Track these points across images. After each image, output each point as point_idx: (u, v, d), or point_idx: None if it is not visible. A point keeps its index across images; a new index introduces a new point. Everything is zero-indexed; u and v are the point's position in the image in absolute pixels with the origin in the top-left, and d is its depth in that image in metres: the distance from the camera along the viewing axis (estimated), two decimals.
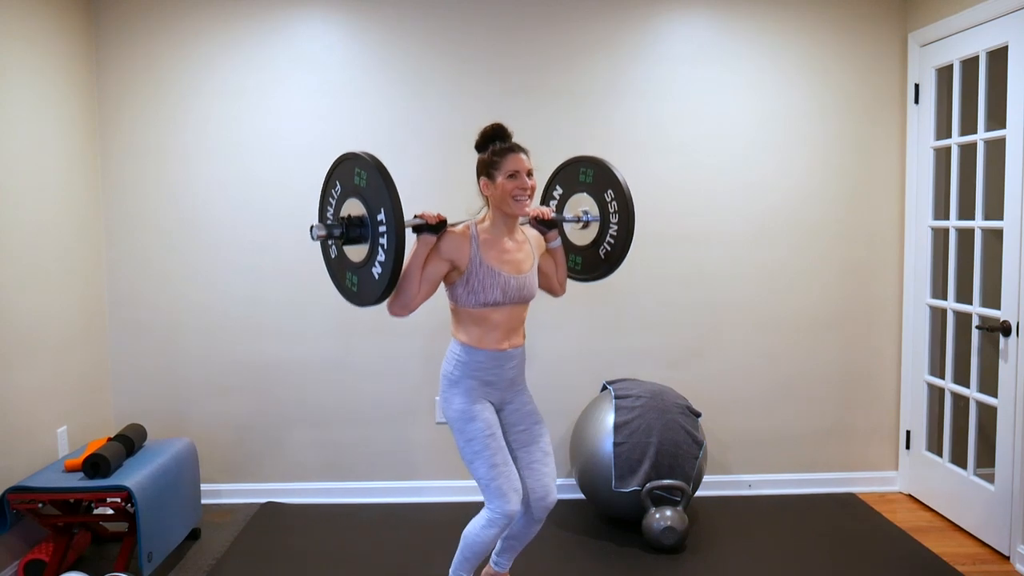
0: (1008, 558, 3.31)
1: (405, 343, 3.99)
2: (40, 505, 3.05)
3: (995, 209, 3.43)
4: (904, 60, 3.98)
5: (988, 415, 3.55)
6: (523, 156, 2.56)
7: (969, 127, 3.60)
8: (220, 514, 3.85)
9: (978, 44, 3.45)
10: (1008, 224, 3.25)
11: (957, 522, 3.65)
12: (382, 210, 2.32)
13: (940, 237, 3.85)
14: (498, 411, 2.68)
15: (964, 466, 3.60)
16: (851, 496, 4.03)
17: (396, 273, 2.32)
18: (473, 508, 3.99)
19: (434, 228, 2.51)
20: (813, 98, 3.99)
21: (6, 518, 2.99)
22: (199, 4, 3.85)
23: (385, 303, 2.49)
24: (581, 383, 4.03)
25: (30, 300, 3.29)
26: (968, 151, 3.68)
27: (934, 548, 3.41)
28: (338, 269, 2.60)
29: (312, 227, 2.44)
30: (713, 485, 4.06)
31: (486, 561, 2.94)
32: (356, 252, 2.46)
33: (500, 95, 3.92)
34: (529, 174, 2.57)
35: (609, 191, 2.86)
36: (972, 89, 3.55)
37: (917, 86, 3.91)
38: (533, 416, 2.72)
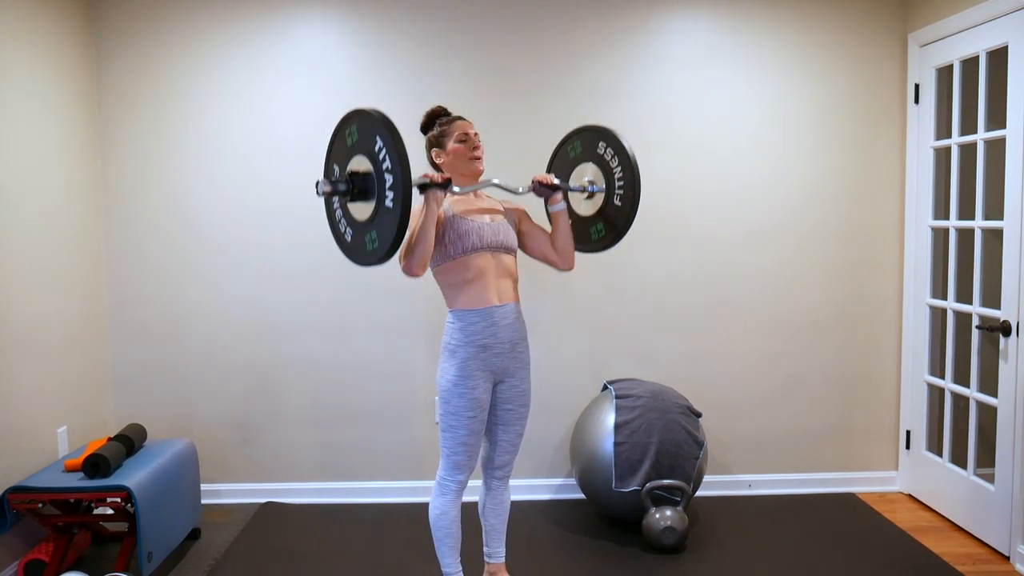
0: (1008, 558, 3.31)
1: (405, 343, 3.99)
2: (40, 505, 3.05)
3: (995, 209, 3.43)
4: (904, 60, 3.98)
5: (988, 415, 3.55)
6: (468, 122, 2.71)
7: (969, 127, 3.60)
8: (220, 514, 3.85)
9: (978, 44, 3.45)
10: (1008, 224, 3.25)
11: (957, 522, 3.65)
12: (378, 138, 2.30)
13: (940, 237, 3.85)
14: (497, 383, 2.74)
15: (964, 466, 3.60)
16: (851, 496, 4.03)
17: (403, 229, 2.29)
18: (474, 506, 4.00)
19: (442, 185, 2.55)
20: (813, 98, 4.00)
21: (6, 518, 2.99)
22: (199, 4, 3.85)
23: (399, 263, 2.53)
24: (582, 383, 4.03)
25: (30, 300, 3.29)
26: (968, 151, 3.68)
27: (934, 548, 3.41)
28: (343, 226, 2.54)
29: (317, 182, 2.42)
30: (713, 485, 4.06)
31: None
32: (361, 210, 2.43)
33: (500, 95, 3.92)
34: (476, 136, 2.71)
35: (601, 143, 2.87)
36: (972, 89, 3.55)
37: (917, 86, 3.91)
38: (524, 397, 2.80)
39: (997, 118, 3.40)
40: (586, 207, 2.98)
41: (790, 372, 4.09)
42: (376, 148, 2.33)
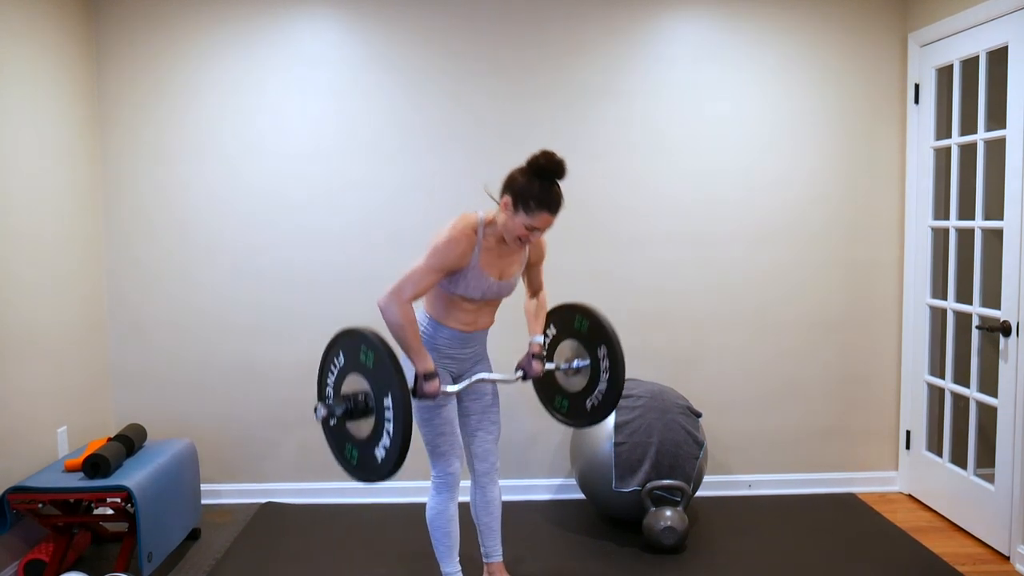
0: (1008, 558, 3.31)
1: None
2: (40, 505, 3.05)
3: (995, 209, 3.43)
4: (904, 60, 3.98)
5: (988, 415, 3.55)
6: (553, 218, 2.56)
7: (969, 127, 3.60)
8: (220, 514, 3.85)
9: (978, 44, 3.45)
10: (1008, 224, 3.25)
11: (957, 522, 3.65)
12: (389, 395, 2.29)
13: (940, 237, 3.85)
14: (455, 379, 2.80)
15: (964, 466, 3.60)
16: (851, 496, 4.03)
17: (407, 436, 2.29)
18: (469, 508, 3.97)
19: (434, 394, 2.57)
20: (813, 98, 4.00)
21: (6, 518, 2.99)
22: (199, 3, 3.85)
23: (389, 298, 2.49)
24: None
25: (30, 301, 3.29)
26: (968, 151, 3.68)
27: (934, 548, 3.41)
28: (339, 442, 2.53)
29: (316, 407, 2.43)
30: (713, 485, 4.06)
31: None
32: (358, 428, 2.43)
33: (500, 94, 3.92)
34: (539, 233, 2.59)
35: (603, 347, 2.87)
36: (972, 89, 3.55)
37: (917, 86, 3.91)
38: (492, 392, 2.87)
39: (997, 118, 3.40)
40: (569, 382, 3.00)
41: (790, 372, 4.09)
42: (369, 364, 2.34)
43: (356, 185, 3.93)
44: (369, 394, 2.37)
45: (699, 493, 4.02)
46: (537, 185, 2.52)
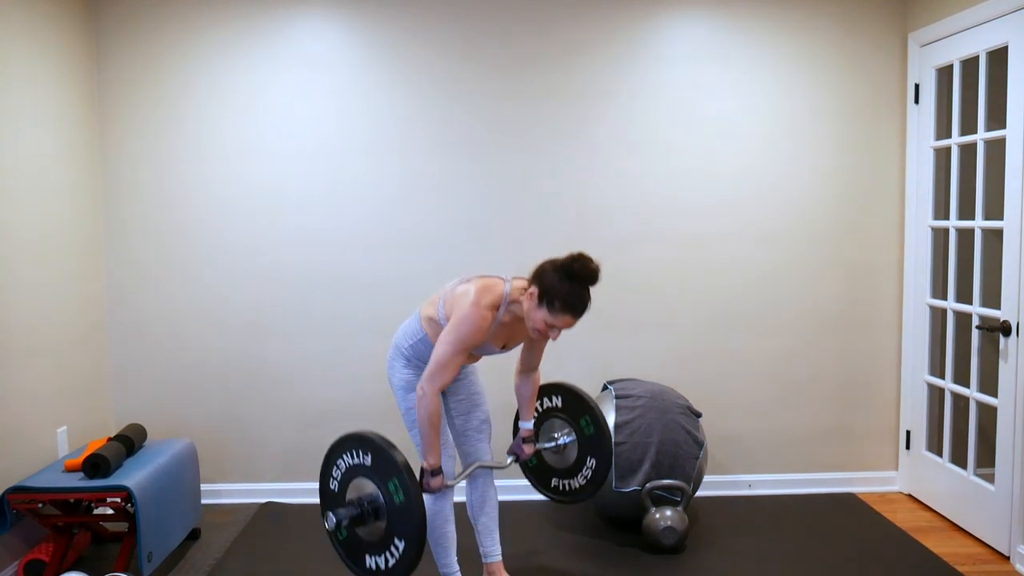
0: (1008, 558, 3.31)
1: None
2: (40, 505, 3.05)
3: (995, 209, 3.43)
4: (904, 60, 3.98)
5: (988, 415, 3.55)
6: (576, 321, 2.53)
7: (969, 127, 3.60)
8: (220, 514, 3.85)
9: (978, 44, 3.45)
10: (1008, 224, 3.25)
11: (957, 522, 3.65)
12: (395, 479, 2.32)
13: (940, 237, 3.85)
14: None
15: (964, 466, 3.60)
16: (851, 496, 4.03)
17: (423, 527, 2.31)
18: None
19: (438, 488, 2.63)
20: (813, 98, 4.00)
21: (6, 518, 2.99)
22: (200, 4, 3.85)
23: (423, 394, 2.55)
24: (582, 383, 4.02)
25: (30, 301, 3.29)
26: (968, 151, 3.68)
27: (934, 548, 3.41)
28: (352, 551, 2.52)
29: (327, 515, 2.42)
30: (713, 485, 4.06)
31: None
32: (374, 530, 2.42)
33: (500, 95, 3.92)
34: (558, 332, 2.56)
35: (586, 418, 3.00)
36: (972, 89, 3.55)
37: (917, 86, 3.91)
38: (473, 387, 2.91)
39: (997, 118, 3.40)
40: (556, 460, 3.12)
41: (790, 372, 4.09)
42: (373, 467, 2.38)
43: (357, 186, 3.93)
44: (378, 497, 2.38)
45: (699, 493, 4.02)
46: (567, 287, 2.47)
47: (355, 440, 2.43)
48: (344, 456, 2.47)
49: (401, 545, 2.33)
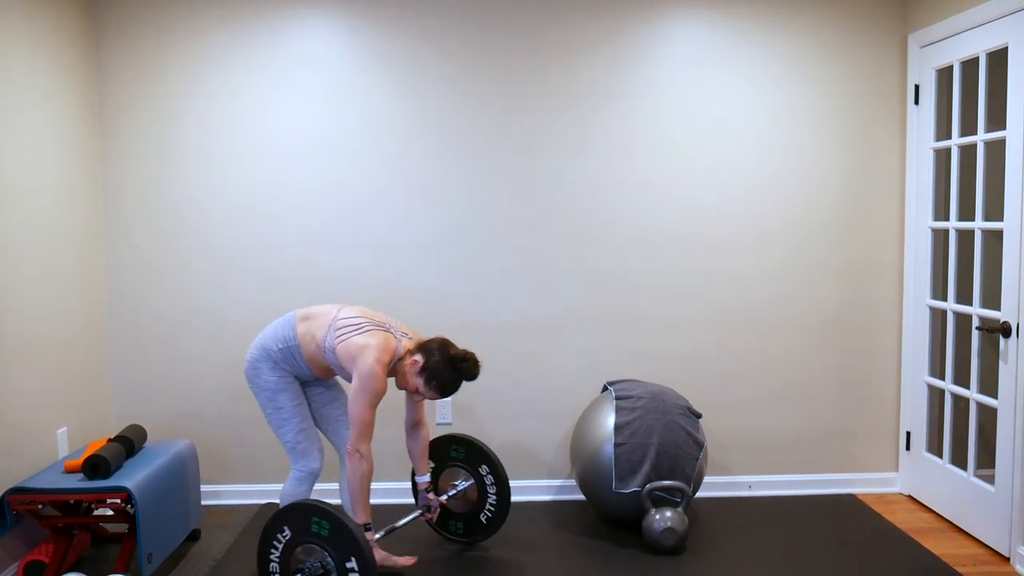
0: (1008, 559, 3.31)
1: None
2: (40, 506, 3.05)
3: (995, 210, 3.44)
4: (904, 61, 3.99)
5: (988, 416, 3.56)
6: (447, 399, 2.97)
7: (969, 128, 3.61)
8: (220, 515, 3.85)
9: (978, 45, 3.45)
10: (1008, 225, 3.25)
11: (957, 523, 3.66)
12: (353, 559, 2.54)
13: (940, 238, 3.85)
14: (302, 382, 3.11)
15: (964, 467, 3.61)
16: (851, 497, 4.03)
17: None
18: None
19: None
20: (813, 99, 4.00)
21: (6, 519, 2.99)
22: (200, 4, 3.85)
23: (358, 458, 2.82)
24: (582, 384, 4.04)
25: (30, 301, 3.29)
26: (968, 152, 3.68)
27: (934, 549, 3.41)
28: None
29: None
30: (713, 486, 4.06)
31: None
32: None
33: (500, 95, 3.93)
34: (422, 400, 3.10)
35: (484, 466, 3.34)
36: (972, 90, 3.56)
37: (917, 87, 3.91)
38: (337, 384, 3.20)
39: (997, 119, 3.41)
40: (457, 504, 3.42)
41: (790, 373, 4.09)
42: (324, 533, 2.58)
43: (357, 186, 3.93)
44: (327, 559, 2.58)
45: (699, 494, 4.03)
46: (448, 376, 2.88)
47: (303, 510, 2.63)
48: (287, 527, 2.66)
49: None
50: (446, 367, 2.86)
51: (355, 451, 2.79)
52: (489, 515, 3.35)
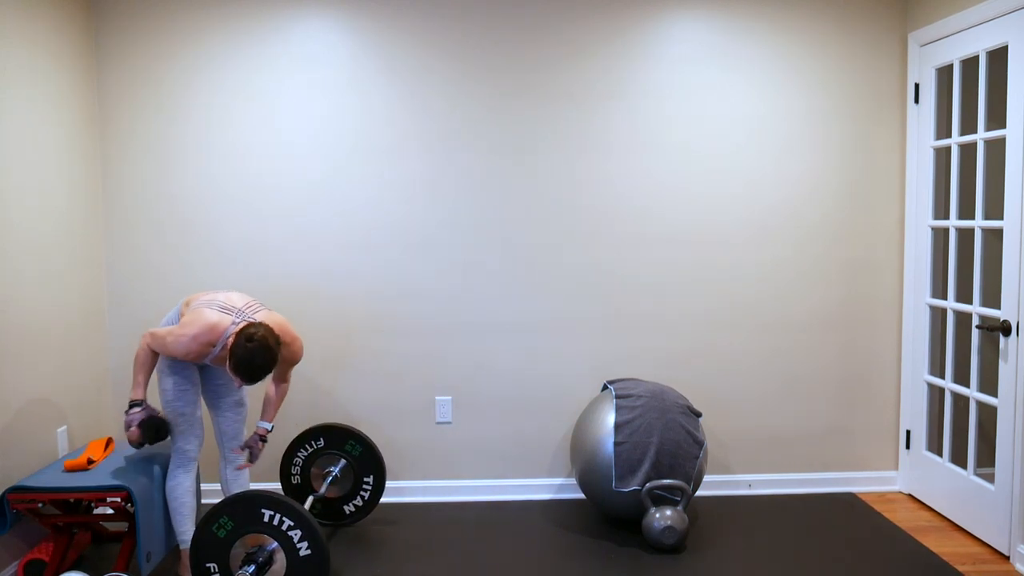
0: (1008, 558, 3.31)
1: (405, 343, 3.99)
2: (40, 505, 3.05)
3: (995, 209, 3.43)
4: (904, 60, 3.98)
5: (988, 415, 3.56)
6: (247, 384, 2.95)
7: (969, 127, 3.61)
8: None
9: (978, 44, 3.45)
10: (1008, 224, 3.25)
11: (957, 522, 3.66)
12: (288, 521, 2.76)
13: (940, 237, 3.85)
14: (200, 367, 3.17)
15: (964, 466, 3.61)
16: (851, 496, 4.03)
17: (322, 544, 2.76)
18: (474, 506, 4.00)
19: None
20: (813, 98, 4.00)
21: (6, 518, 2.99)
22: (200, 3, 3.85)
23: (143, 342, 2.98)
24: (582, 382, 4.04)
25: (30, 300, 3.29)
26: (968, 151, 3.68)
27: (934, 548, 3.41)
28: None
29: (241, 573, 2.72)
30: (713, 485, 4.06)
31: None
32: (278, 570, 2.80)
33: (499, 95, 3.93)
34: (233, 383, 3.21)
35: (371, 477, 3.59)
36: (972, 89, 3.56)
37: (917, 86, 3.91)
38: (224, 375, 3.24)
39: (997, 118, 3.41)
40: (319, 483, 3.64)
41: (790, 372, 4.09)
42: (274, 522, 2.76)
43: (357, 186, 3.93)
44: (270, 542, 2.76)
45: (699, 493, 4.03)
46: (239, 355, 2.85)
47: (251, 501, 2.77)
48: (227, 517, 2.79)
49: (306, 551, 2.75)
50: (235, 347, 2.84)
51: (145, 335, 2.96)
52: (352, 510, 3.62)
